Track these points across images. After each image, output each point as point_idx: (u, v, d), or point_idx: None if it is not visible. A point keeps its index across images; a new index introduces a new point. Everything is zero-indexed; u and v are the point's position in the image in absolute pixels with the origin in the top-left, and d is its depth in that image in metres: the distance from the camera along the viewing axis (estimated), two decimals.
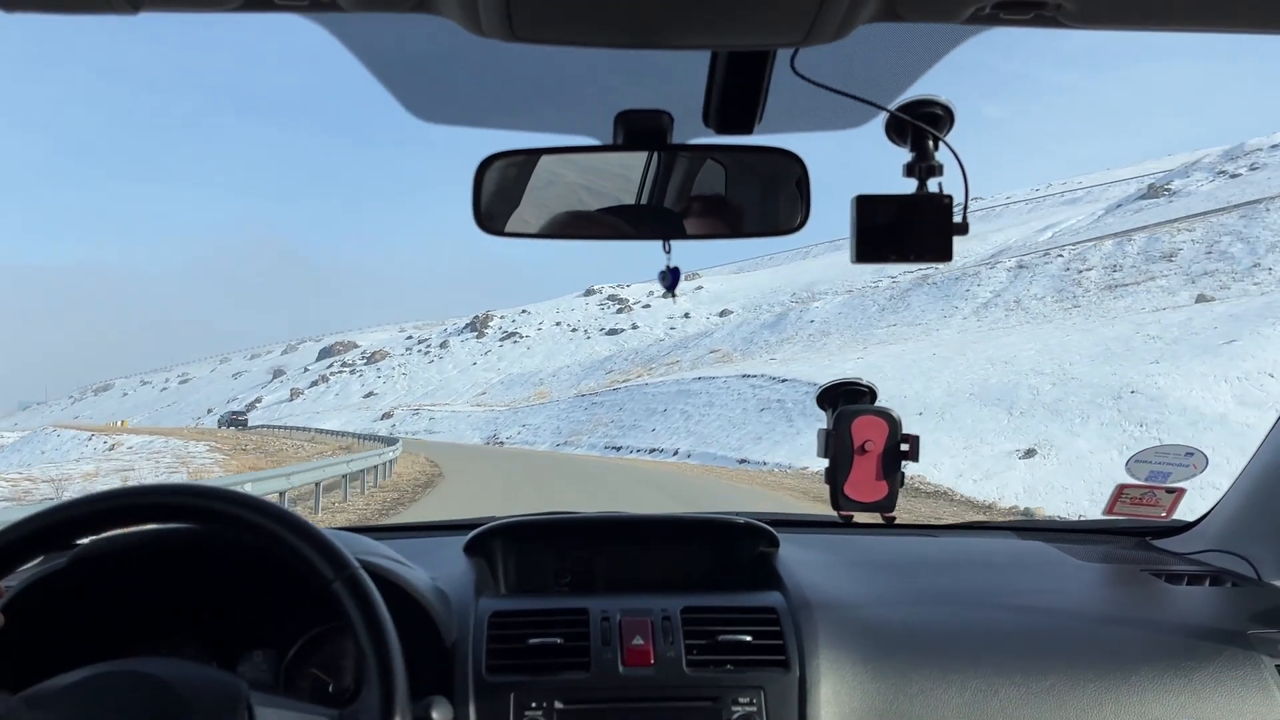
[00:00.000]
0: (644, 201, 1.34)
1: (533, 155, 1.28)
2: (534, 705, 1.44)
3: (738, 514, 1.90)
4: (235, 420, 65.73)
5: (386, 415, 69.67)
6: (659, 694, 1.47)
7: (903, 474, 1.57)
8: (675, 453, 35.92)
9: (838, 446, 1.57)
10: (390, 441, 29.75)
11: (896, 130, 1.23)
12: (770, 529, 1.82)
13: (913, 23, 0.88)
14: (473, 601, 1.59)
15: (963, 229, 1.23)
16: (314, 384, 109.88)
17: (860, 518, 1.69)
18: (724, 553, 1.82)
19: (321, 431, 52.65)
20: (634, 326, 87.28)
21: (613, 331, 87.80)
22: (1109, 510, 2.20)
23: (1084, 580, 1.87)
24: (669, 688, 1.47)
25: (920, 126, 1.21)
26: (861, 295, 56.22)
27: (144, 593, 1.47)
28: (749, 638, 1.52)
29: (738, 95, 1.16)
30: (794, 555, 1.80)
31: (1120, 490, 2.20)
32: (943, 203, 1.23)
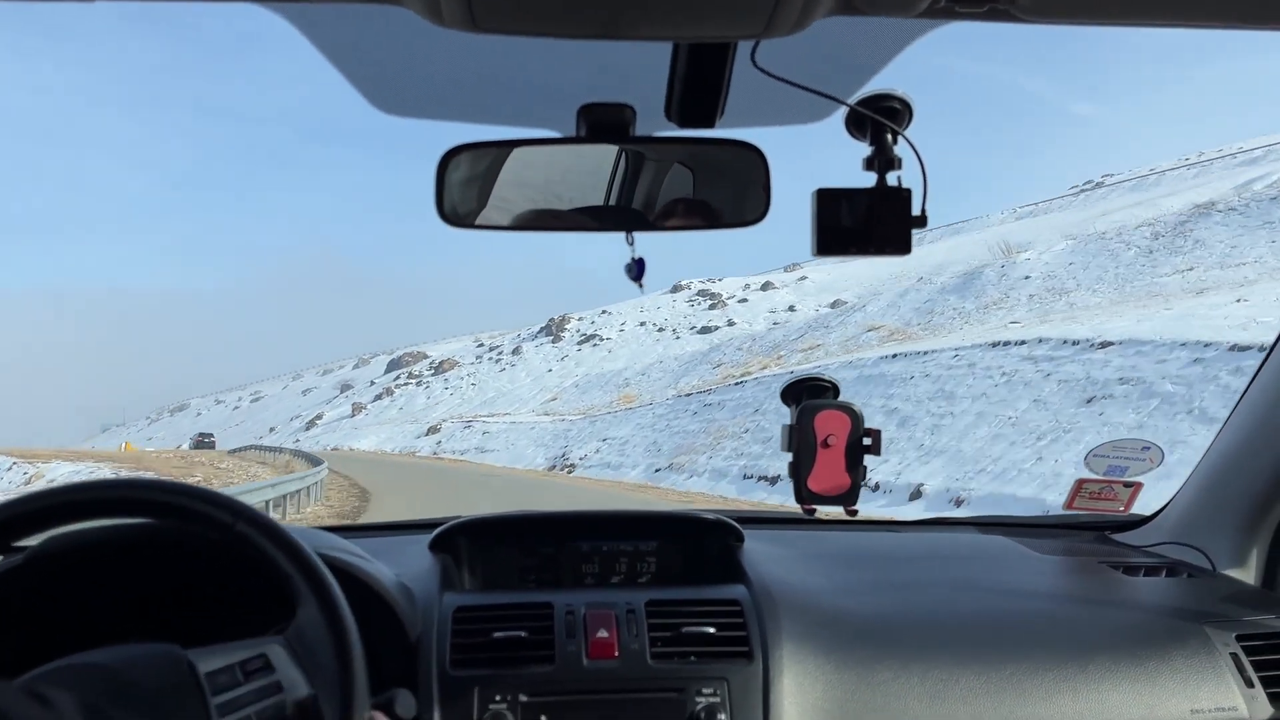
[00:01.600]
0: (608, 194, 1.34)
1: (496, 148, 1.28)
2: (498, 699, 1.44)
3: (703, 510, 1.91)
4: (202, 442, 62.61)
5: (432, 430, 59.25)
6: (623, 686, 1.47)
7: (864, 468, 1.59)
8: (917, 493, 16.90)
9: (801, 441, 1.58)
10: (315, 461, 26.67)
11: (856, 124, 1.24)
12: (735, 524, 1.83)
13: (870, 16, 0.90)
14: (437, 597, 1.59)
15: (921, 221, 1.25)
16: (378, 398, 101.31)
17: (824, 514, 1.70)
18: (689, 548, 1.83)
19: (306, 452, 42.85)
20: (730, 323, 76.04)
21: (706, 329, 76.93)
22: (1069, 505, 2.24)
23: (1043, 573, 1.89)
24: (633, 679, 1.47)
25: (879, 120, 1.22)
26: (1090, 242, 40.06)
27: (103, 590, 1.45)
28: (713, 629, 1.53)
29: (699, 89, 1.17)
30: (759, 549, 1.81)
31: (1079, 485, 2.23)
32: (902, 196, 1.25)
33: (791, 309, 73.00)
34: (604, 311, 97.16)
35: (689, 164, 1.34)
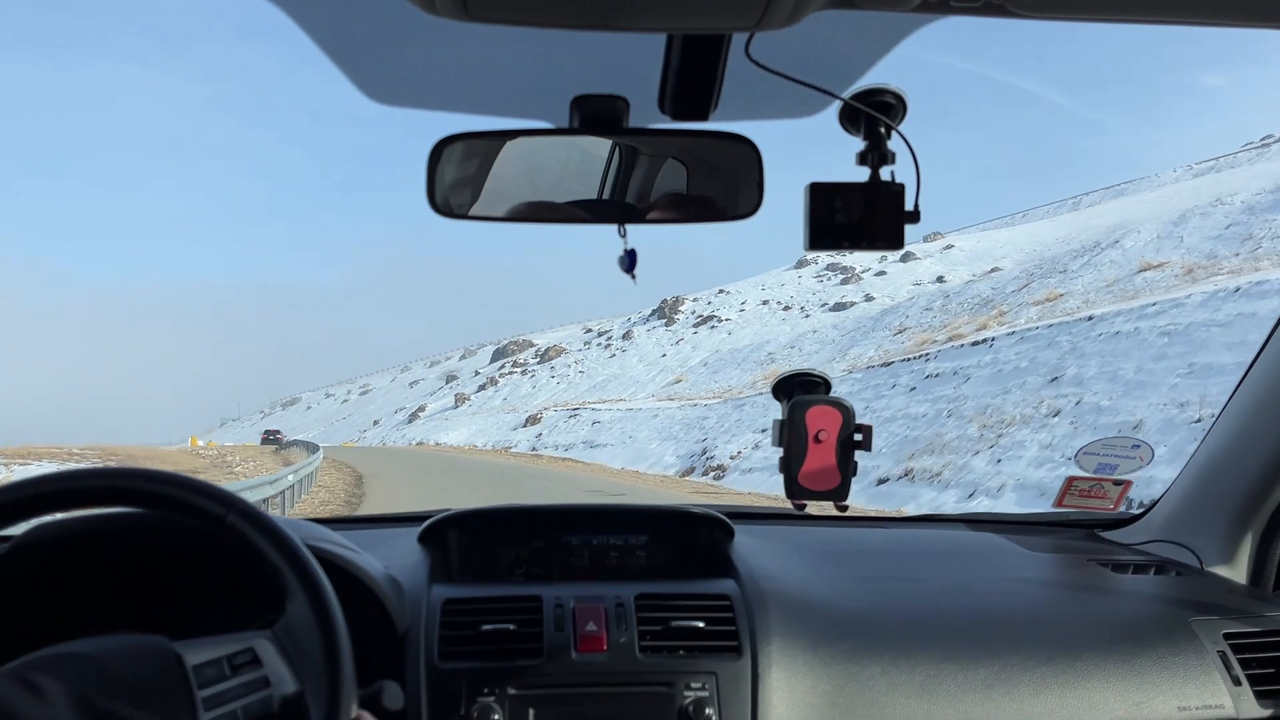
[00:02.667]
0: (600, 186, 1.34)
1: (487, 138, 1.27)
2: (486, 691, 1.44)
3: (694, 505, 1.91)
4: (270, 438, 58.68)
5: (532, 420, 51.47)
6: (612, 679, 1.47)
7: (855, 464, 1.58)
8: None
9: (792, 436, 1.58)
10: (313, 449, 24.01)
11: (850, 119, 1.24)
12: (725, 519, 1.83)
13: (864, 10, 0.89)
14: (426, 589, 1.59)
15: (914, 217, 1.24)
16: (481, 388, 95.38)
17: (815, 509, 1.70)
18: (680, 542, 1.83)
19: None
20: (868, 298, 66.96)
21: (839, 306, 67.74)
22: (1059, 502, 2.24)
23: (1033, 570, 1.90)
24: (622, 673, 1.47)
25: (873, 115, 1.22)
26: None
27: (92, 579, 1.45)
28: (702, 624, 1.53)
29: (693, 81, 1.17)
30: (748, 545, 1.81)
31: (1070, 482, 2.24)
32: (895, 190, 1.24)
33: (940, 280, 63.50)
34: (721, 291, 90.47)
35: (682, 157, 1.33)
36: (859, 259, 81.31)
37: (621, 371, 75.38)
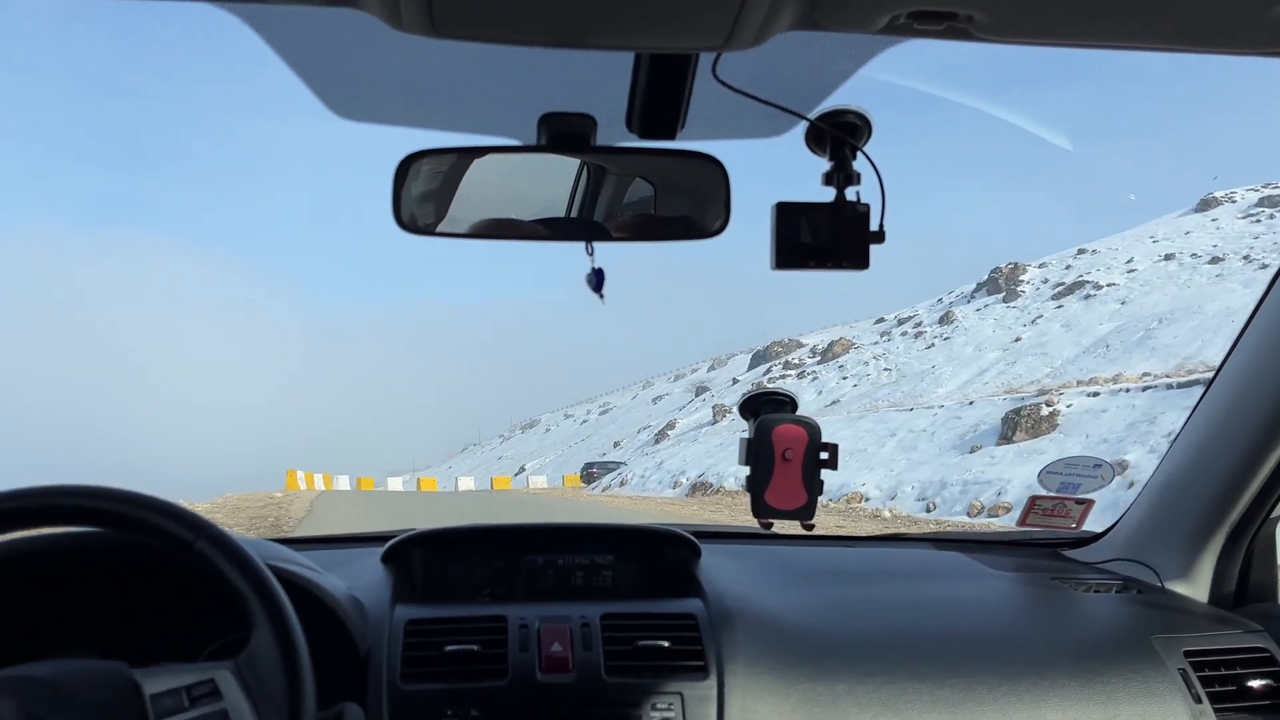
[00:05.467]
0: (568, 204, 1.34)
1: (455, 155, 1.27)
2: (450, 713, 1.42)
3: (660, 524, 1.91)
4: (592, 474, 46.18)
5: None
6: (577, 701, 1.46)
7: (821, 482, 1.59)
8: None
9: (759, 454, 1.58)
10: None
11: (815, 139, 1.25)
12: (691, 538, 1.82)
13: (830, 32, 0.90)
14: (388, 609, 1.56)
15: (879, 237, 1.25)
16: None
17: (781, 528, 1.70)
18: (646, 561, 1.82)
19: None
20: None
21: None
22: (1022, 521, 2.26)
23: (997, 590, 1.91)
24: (587, 695, 1.46)
25: (838, 136, 1.23)
26: None
27: (53, 600, 1.42)
28: (667, 644, 1.52)
29: (660, 100, 1.17)
30: (715, 564, 1.81)
31: (1033, 502, 2.26)
32: (860, 211, 1.25)
33: None
34: (1082, 251, 71.89)
35: (650, 176, 1.34)
36: None
37: (945, 360, 59.31)
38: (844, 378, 67.99)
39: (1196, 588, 1.93)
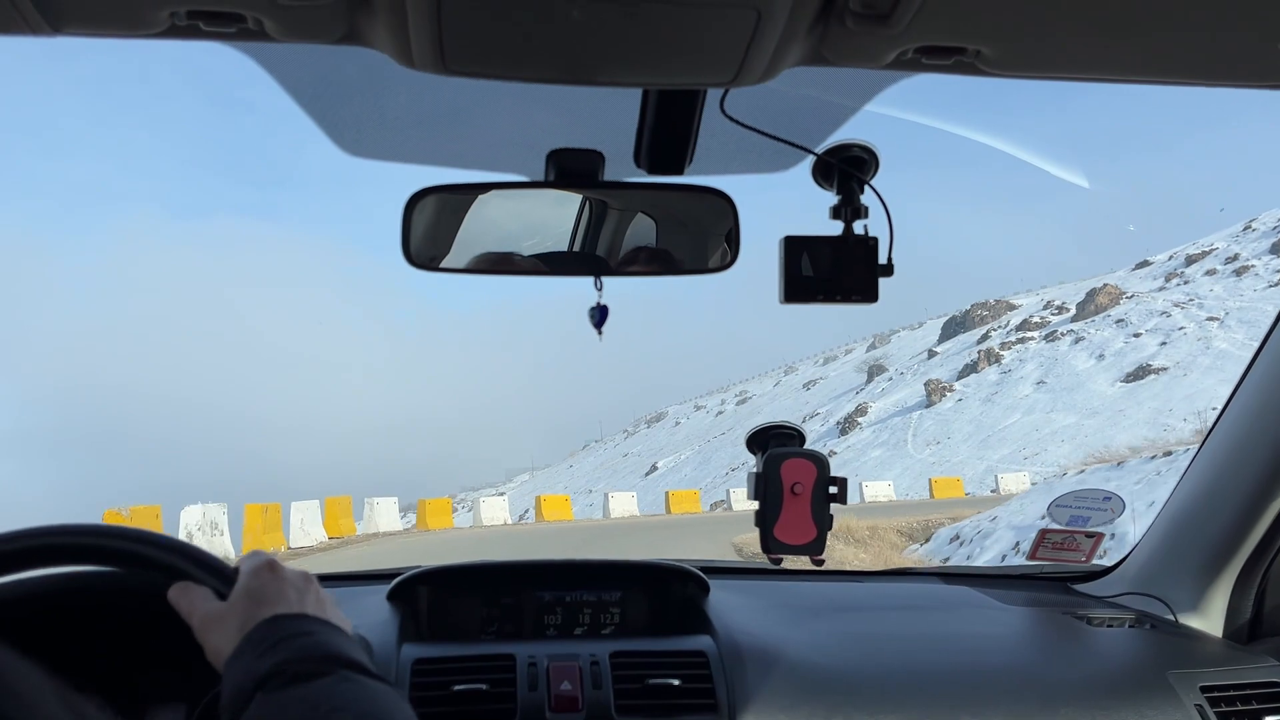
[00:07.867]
0: (576, 239, 1.34)
1: (464, 191, 1.27)
2: None
3: (668, 559, 1.89)
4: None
5: None
6: None
7: (830, 516, 1.58)
8: None
9: (768, 489, 1.57)
10: None
11: (823, 173, 1.25)
12: (700, 573, 1.81)
13: (838, 67, 0.91)
14: (395, 648, 1.55)
15: (888, 270, 1.25)
16: (963, 373, 68.72)
17: (790, 563, 1.68)
18: (654, 598, 1.80)
19: None
20: None
21: None
22: (1032, 555, 2.24)
23: (1008, 624, 1.89)
24: None
25: (845, 170, 1.23)
26: None
27: (50, 643, 1.40)
28: (678, 681, 1.50)
29: (668, 136, 1.18)
30: (724, 600, 1.79)
31: (1042, 535, 2.24)
32: (869, 244, 1.25)
33: None
34: None
35: (657, 211, 1.34)
36: None
37: None
38: (1134, 334, 52.28)
39: (1211, 621, 1.91)
